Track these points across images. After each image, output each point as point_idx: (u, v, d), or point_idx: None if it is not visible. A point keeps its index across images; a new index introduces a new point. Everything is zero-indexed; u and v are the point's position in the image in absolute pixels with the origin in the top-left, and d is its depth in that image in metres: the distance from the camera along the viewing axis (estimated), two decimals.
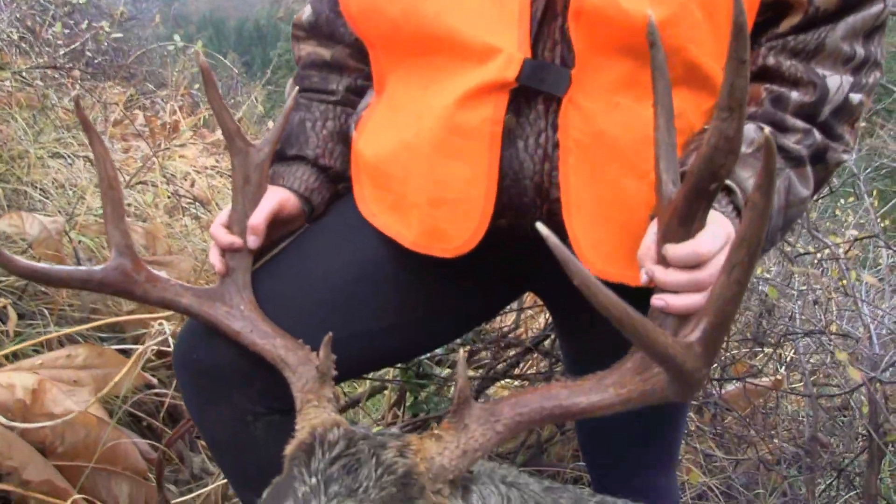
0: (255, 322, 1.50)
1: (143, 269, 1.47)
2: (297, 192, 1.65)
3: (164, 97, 4.84)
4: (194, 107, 5.16)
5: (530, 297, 2.95)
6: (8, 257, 1.29)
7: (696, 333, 1.05)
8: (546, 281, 1.72)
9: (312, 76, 1.75)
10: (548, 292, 1.80)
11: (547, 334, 2.76)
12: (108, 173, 1.45)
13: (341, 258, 1.63)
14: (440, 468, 1.18)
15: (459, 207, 1.47)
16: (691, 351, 1.03)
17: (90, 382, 2.30)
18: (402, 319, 1.65)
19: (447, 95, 1.43)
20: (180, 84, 5.02)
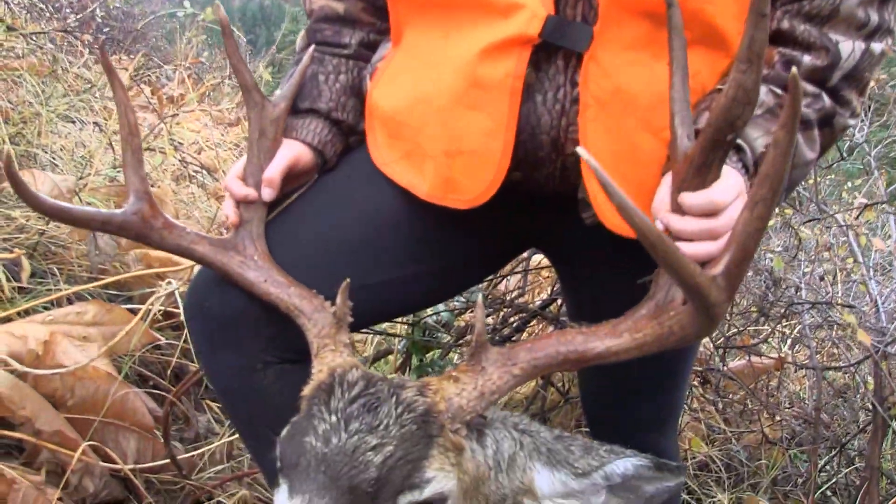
0: (269, 272, 1.52)
1: (160, 215, 1.48)
2: (310, 145, 1.66)
3: (172, 66, 4.83)
4: (199, 79, 5.15)
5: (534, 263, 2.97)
6: (33, 194, 1.31)
7: (720, 268, 1.07)
8: (553, 235, 1.74)
9: (325, 29, 1.75)
10: (553, 247, 1.82)
11: (553, 298, 2.78)
12: (129, 120, 1.47)
13: (353, 209, 1.64)
14: (458, 408, 1.20)
15: (476, 159, 1.48)
16: (715, 283, 1.05)
17: (99, 339, 2.33)
18: (412, 270, 1.67)
19: (469, 48, 1.45)
20: (188, 53, 5.02)
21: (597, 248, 1.61)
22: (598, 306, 1.70)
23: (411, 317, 2.73)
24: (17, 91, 3.04)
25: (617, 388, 1.82)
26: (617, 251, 1.52)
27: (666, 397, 1.88)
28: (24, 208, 2.83)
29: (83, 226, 1.41)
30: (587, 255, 1.70)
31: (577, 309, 1.88)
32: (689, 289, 1.05)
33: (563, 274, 1.89)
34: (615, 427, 1.92)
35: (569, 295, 1.91)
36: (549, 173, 1.52)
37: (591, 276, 1.72)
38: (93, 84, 3.61)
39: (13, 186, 1.28)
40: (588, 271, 1.72)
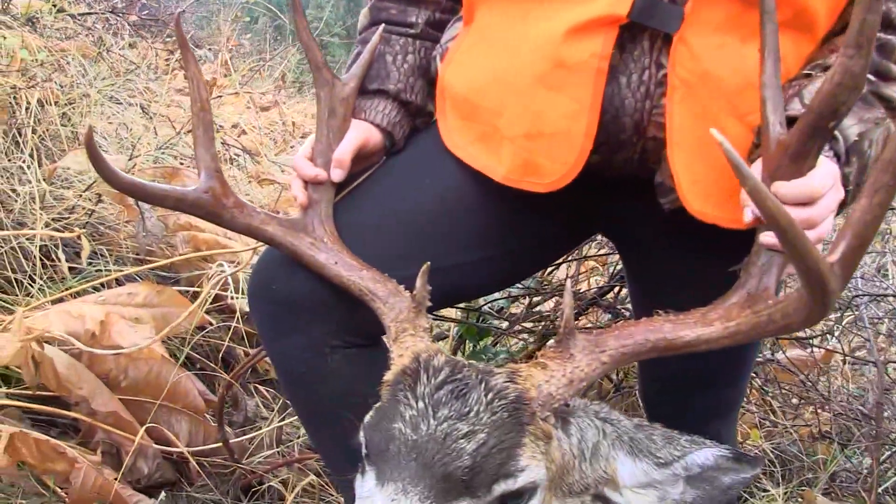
0: (340, 254, 1.49)
1: (231, 194, 1.46)
2: (379, 127, 1.63)
3: (208, 49, 4.82)
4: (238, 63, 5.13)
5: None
6: (112, 170, 1.29)
7: (836, 255, 1.03)
8: (623, 220, 1.71)
9: (390, 8, 1.72)
10: (622, 231, 1.78)
11: (610, 286, 2.74)
12: (201, 95, 1.45)
13: (423, 192, 1.62)
14: (548, 395, 1.17)
15: (558, 141, 1.45)
16: (833, 271, 1.01)
17: (150, 321, 2.31)
18: (483, 254, 1.64)
19: (552, 27, 1.41)
20: (229, 35, 5.00)
21: (670, 233, 1.58)
22: (668, 293, 1.65)
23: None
24: (65, 72, 3.02)
25: (686, 376, 1.78)
26: (693, 238, 1.49)
27: (732, 386, 1.85)
28: (74, 188, 2.83)
29: (157, 202, 1.39)
30: (659, 241, 1.66)
31: (643, 296, 1.84)
32: (812, 276, 1.01)
33: (629, 260, 1.85)
34: (676, 415, 1.88)
35: (636, 282, 1.87)
36: (629, 157, 1.49)
37: (661, 263, 1.68)
38: (137, 65, 3.60)
39: (92, 161, 1.26)
40: (659, 257, 1.68)
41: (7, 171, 2.66)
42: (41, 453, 1.86)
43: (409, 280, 1.42)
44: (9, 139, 2.72)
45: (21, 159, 2.68)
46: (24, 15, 2.81)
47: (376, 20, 1.71)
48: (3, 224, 2.54)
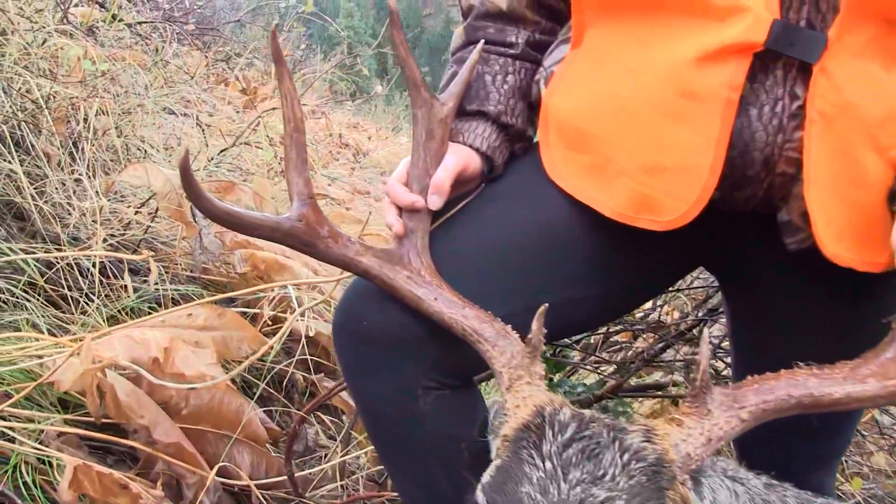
0: (440, 290, 1.40)
1: (326, 222, 1.37)
2: (478, 151, 1.54)
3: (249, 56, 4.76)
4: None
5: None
6: (207, 198, 1.20)
7: None
8: (735, 258, 1.60)
9: (488, 27, 1.63)
10: (732, 270, 1.67)
11: (699, 320, 2.61)
12: (296, 113, 1.36)
13: (525, 224, 1.52)
14: (686, 456, 1.08)
15: (679, 177, 1.34)
16: None
17: (210, 344, 2.23)
18: (585, 290, 1.54)
19: (678, 54, 1.31)
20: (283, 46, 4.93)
21: (792, 275, 1.47)
22: (784, 340, 1.55)
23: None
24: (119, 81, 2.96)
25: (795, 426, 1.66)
26: (820, 281, 1.38)
27: (840, 435, 1.73)
28: (128, 202, 2.77)
29: (250, 232, 1.30)
30: (778, 282, 1.55)
31: (751, 341, 1.72)
32: None
33: (737, 300, 1.73)
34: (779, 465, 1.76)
35: (743, 325, 1.75)
36: (752, 193, 1.38)
37: (778, 306, 1.57)
38: (191, 75, 3.54)
39: (186, 188, 1.17)
40: (776, 300, 1.57)
41: (62, 184, 2.60)
42: (104, 487, 1.77)
43: (508, 318, 1.34)
44: (64, 151, 2.65)
45: (78, 172, 2.61)
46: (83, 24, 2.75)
47: (472, 39, 1.62)
48: (59, 238, 2.47)
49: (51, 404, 2.08)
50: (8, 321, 2.23)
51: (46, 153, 2.59)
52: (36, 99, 2.41)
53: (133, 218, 2.58)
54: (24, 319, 2.24)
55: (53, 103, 2.51)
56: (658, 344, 2.51)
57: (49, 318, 2.33)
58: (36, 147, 2.54)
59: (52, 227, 2.51)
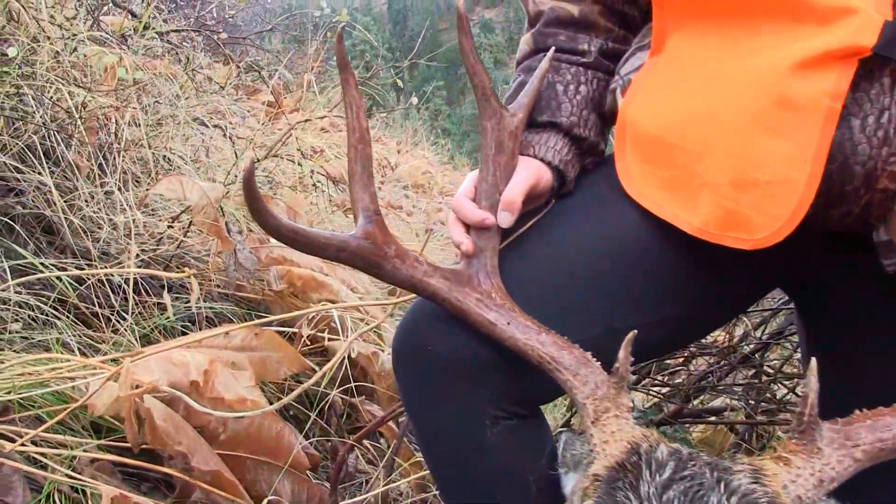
0: (512, 313, 1.30)
1: (393, 240, 1.28)
2: (550, 165, 1.44)
3: (299, 68, 4.68)
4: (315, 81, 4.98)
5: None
6: (274, 217, 1.11)
7: None
8: (821, 279, 1.49)
9: (559, 34, 1.54)
10: (815, 292, 1.55)
11: (765, 343, 2.50)
12: (361, 124, 1.26)
13: (599, 242, 1.42)
14: (796, 499, 0.97)
15: (773, 192, 1.24)
16: None
17: (248, 366, 2.14)
18: (663, 313, 1.44)
19: (775, 60, 1.21)
20: (315, 57, 4.84)
21: (890, 296, 1.35)
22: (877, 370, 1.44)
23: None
24: (150, 91, 2.88)
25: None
26: None
27: None
28: (159, 216, 2.68)
29: (318, 253, 1.20)
30: (872, 307, 1.43)
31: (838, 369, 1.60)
32: None
33: (821, 324, 1.62)
34: None
35: (827, 351, 1.63)
36: (848, 210, 1.27)
37: (872, 333, 1.46)
38: (222, 86, 3.46)
39: (250, 203, 1.08)
40: (870, 327, 1.46)
41: (92, 197, 2.51)
42: None
43: (585, 343, 1.24)
44: (95, 162, 2.57)
45: (108, 184, 2.53)
46: (116, 33, 2.68)
47: (542, 47, 1.53)
48: (90, 253, 2.39)
49: (83, 428, 1.99)
50: (38, 340, 2.14)
51: (77, 164, 2.50)
52: (68, 108, 2.32)
53: (165, 232, 2.49)
54: (54, 339, 2.15)
55: (85, 113, 2.42)
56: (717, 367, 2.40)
57: (79, 337, 2.24)
58: (66, 158, 2.45)
59: (83, 241, 2.42)
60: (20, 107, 2.37)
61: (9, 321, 2.10)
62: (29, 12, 2.60)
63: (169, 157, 2.89)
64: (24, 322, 2.17)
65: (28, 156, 2.43)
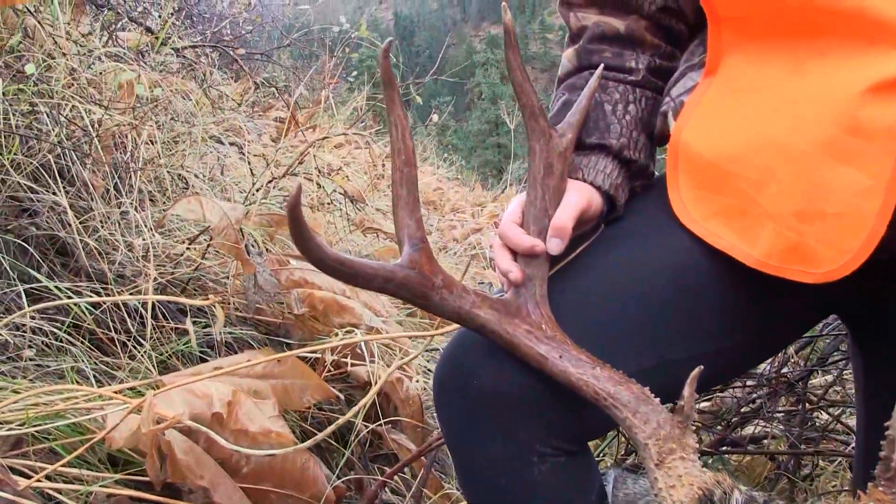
0: (564, 346, 1.23)
1: (440, 269, 1.20)
2: (600, 189, 1.37)
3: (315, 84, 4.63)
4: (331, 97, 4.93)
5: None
6: (320, 248, 1.03)
7: None
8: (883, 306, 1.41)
9: (604, 51, 1.48)
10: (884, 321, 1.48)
11: (809, 370, 2.41)
12: (407, 145, 1.19)
13: (651, 270, 1.35)
14: None
15: (841, 224, 1.17)
16: None
17: (270, 394, 2.06)
18: (719, 345, 1.37)
19: (845, 84, 1.14)
20: (333, 72, 4.78)
21: None
22: None
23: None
24: (166, 109, 2.82)
25: None
26: None
27: None
28: (176, 237, 2.61)
29: (364, 284, 1.12)
30: None
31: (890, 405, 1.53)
32: None
33: (876, 352, 1.54)
34: None
35: (885, 382, 1.55)
36: None
37: None
38: (238, 102, 3.40)
39: (295, 233, 1.00)
40: None
41: (108, 218, 2.44)
42: None
43: (640, 375, 1.18)
44: (110, 182, 2.50)
45: (124, 204, 2.46)
46: (132, 49, 2.62)
47: (586, 64, 1.47)
48: (105, 275, 2.32)
49: (99, 461, 1.91)
50: (53, 368, 2.07)
51: (92, 184, 2.44)
52: (84, 126, 2.26)
53: (183, 254, 2.42)
54: (69, 367, 2.08)
55: (101, 130, 2.36)
56: (760, 393, 2.32)
57: (95, 363, 2.17)
58: (81, 177, 2.39)
59: (98, 263, 2.35)
60: (35, 125, 2.31)
61: (23, 347, 2.03)
62: (45, 29, 2.55)
63: (184, 176, 2.82)
64: (37, 348, 2.10)
65: (42, 175, 2.37)
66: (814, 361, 2.37)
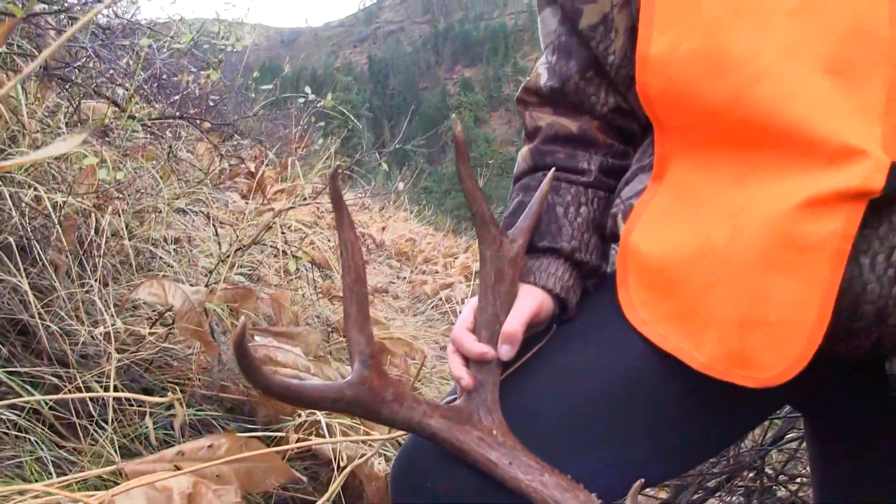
0: (514, 452, 1.26)
1: (390, 383, 1.23)
2: (551, 293, 1.41)
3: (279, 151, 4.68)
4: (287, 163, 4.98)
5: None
6: (264, 375, 1.05)
7: None
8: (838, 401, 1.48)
9: (557, 152, 1.52)
10: (833, 415, 1.53)
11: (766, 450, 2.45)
12: (356, 263, 1.22)
13: (602, 371, 1.39)
14: None
15: (781, 332, 1.21)
16: None
17: (233, 478, 2.06)
18: (669, 443, 1.42)
19: (781, 198, 1.19)
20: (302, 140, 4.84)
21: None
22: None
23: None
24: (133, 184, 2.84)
25: None
26: None
27: None
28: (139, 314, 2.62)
29: (313, 406, 1.16)
30: (886, 434, 1.40)
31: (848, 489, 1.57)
32: None
33: (831, 442, 1.59)
34: None
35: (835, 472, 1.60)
36: (858, 345, 1.25)
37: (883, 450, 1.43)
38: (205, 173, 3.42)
39: (242, 365, 1.03)
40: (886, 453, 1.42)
41: (71, 298, 2.45)
42: None
43: (588, 476, 1.23)
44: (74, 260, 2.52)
45: (88, 284, 2.47)
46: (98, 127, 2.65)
47: (540, 165, 1.51)
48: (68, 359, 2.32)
49: None
50: (9, 456, 2.06)
51: (54, 263, 2.45)
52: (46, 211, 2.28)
53: (147, 332, 2.43)
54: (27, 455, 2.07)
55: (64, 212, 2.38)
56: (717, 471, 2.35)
57: (55, 448, 2.16)
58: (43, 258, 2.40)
59: (60, 343, 2.36)
60: None
61: None
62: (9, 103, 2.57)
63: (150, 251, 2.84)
64: None
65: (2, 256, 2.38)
66: (769, 441, 2.41)
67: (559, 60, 1.54)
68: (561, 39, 1.54)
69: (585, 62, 1.51)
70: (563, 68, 1.53)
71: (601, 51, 1.49)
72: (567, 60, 1.53)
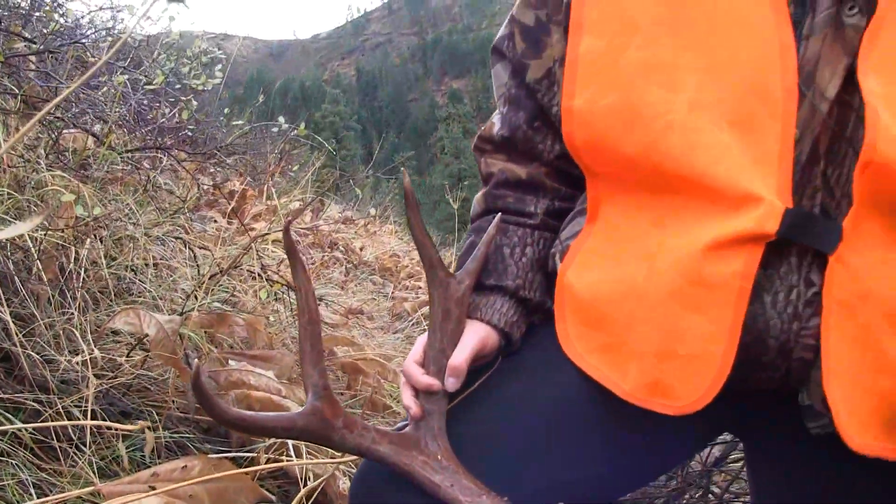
0: (455, 475, 1.39)
1: (341, 413, 1.37)
2: (496, 328, 1.54)
3: (258, 176, 4.82)
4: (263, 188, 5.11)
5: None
6: (220, 408, 1.19)
7: None
8: (761, 429, 1.61)
9: (507, 196, 1.66)
10: (758, 442, 1.66)
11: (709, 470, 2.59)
12: (310, 305, 1.36)
13: (543, 401, 1.53)
14: None
15: (693, 364, 1.35)
16: None
17: (206, 498, 2.18)
18: (606, 468, 1.55)
19: (690, 241, 1.32)
20: (277, 167, 4.99)
21: (819, 455, 1.45)
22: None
23: None
24: (111, 216, 2.97)
25: None
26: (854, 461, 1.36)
27: None
28: (118, 340, 2.74)
29: (266, 434, 1.29)
30: (805, 458, 1.53)
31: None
32: None
33: (759, 473, 1.72)
34: None
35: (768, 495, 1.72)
36: (769, 376, 1.38)
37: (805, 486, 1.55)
38: (183, 200, 3.55)
39: (201, 402, 1.16)
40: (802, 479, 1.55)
41: (51, 327, 2.57)
42: None
43: (522, 499, 1.34)
44: (55, 289, 2.63)
45: (69, 311, 2.59)
46: (76, 161, 2.77)
47: (492, 208, 1.65)
48: (48, 385, 2.44)
49: None
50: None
51: (35, 293, 2.57)
52: (25, 246, 2.40)
53: (124, 359, 2.55)
54: (9, 475, 2.19)
55: (42, 247, 2.50)
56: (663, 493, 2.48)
57: (35, 470, 2.28)
58: (24, 290, 2.51)
59: (41, 370, 2.47)
60: None
61: None
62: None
63: (129, 277, 2.96)
64: None
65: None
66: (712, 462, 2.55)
67: (510, 111, 1.68)
68: (511, 91, 1.68)
69: (533, 112, 1.65)
70: (513, 118, 1.67)
71: (546, 102, 1.62)
72: (517, 111, 1.66)
